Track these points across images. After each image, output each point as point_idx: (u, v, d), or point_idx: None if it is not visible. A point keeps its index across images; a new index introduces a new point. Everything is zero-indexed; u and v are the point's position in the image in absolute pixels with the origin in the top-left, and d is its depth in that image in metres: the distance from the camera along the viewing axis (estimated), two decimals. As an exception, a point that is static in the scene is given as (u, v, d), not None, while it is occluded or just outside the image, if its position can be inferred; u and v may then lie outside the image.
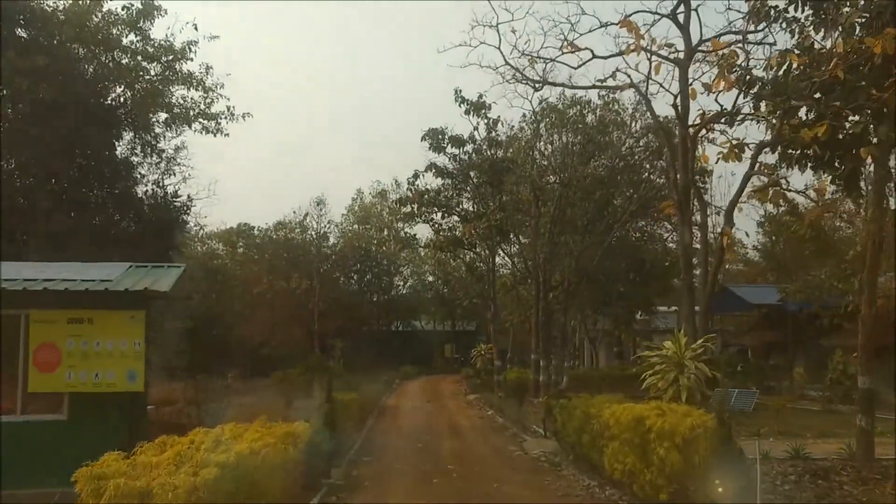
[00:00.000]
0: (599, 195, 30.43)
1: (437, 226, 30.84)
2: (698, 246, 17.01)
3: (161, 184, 22.48)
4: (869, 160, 11.43)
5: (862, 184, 13.33)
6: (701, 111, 13.98)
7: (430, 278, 64.26)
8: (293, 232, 58.21)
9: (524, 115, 30.79)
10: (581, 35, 27.35)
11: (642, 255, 34.47)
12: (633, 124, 31.08)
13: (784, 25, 12.78)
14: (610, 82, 15.25)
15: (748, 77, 12.33)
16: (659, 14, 15.00)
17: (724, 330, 47.04)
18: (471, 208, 31.04)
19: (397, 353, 59.79)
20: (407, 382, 44.63)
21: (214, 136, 23.29)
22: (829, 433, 18.29)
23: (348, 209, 62.01)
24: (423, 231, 50.35)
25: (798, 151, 11.57)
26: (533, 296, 32.37)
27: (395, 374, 46.76)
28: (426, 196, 30.05)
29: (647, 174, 32.78)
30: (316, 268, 53.96)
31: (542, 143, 31.25)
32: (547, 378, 30.58)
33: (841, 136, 11.33)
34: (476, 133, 29.64)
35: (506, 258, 34.12)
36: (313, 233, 58.18)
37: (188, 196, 23.03)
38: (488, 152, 29.58)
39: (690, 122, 13.61)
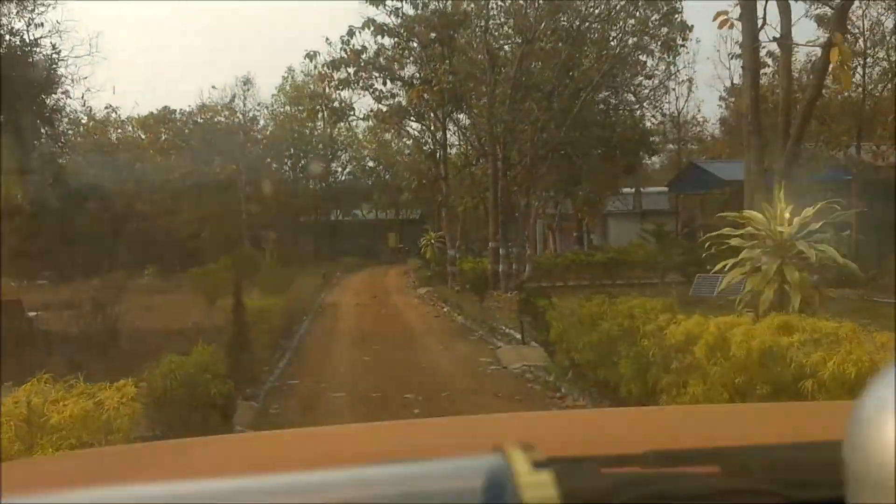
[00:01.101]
0: (566, 55, 25.78)
1: (378, 94, 25.87)
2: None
3: (17, 32, 17.10)
4: None
5: None
6: None
7: (371, 163, 59.33)
8: (220, 115, 52.73)
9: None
10: None
11: (610, 128, 30.18)
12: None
13: None
14: None
15: None
16: None
17: (686, 210, 43.81)
18: (417, 74, 26.07)
19: (337, 244, 55.64)
20: (348, 276, 40.44)
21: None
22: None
23: (279, 89, 56.22)
24: (362, 106, 44.75)
25: None
26: (489, 176, 28.02)
27: (335, 266, 42.51)
28: (364, 57, 24.93)
29: (618, 32, 28.19)
30: (244, 153, 48.92)
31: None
32: (507, 267, 26.64)
33: None
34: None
35: (458, 132, 29.45)
36: (241, 115, 52.86)
37: (54, 47, 17.77)
38: (437, 3, 24.47)
39: None
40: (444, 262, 32.29)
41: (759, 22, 10.35)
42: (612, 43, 28.03)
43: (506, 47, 27.24)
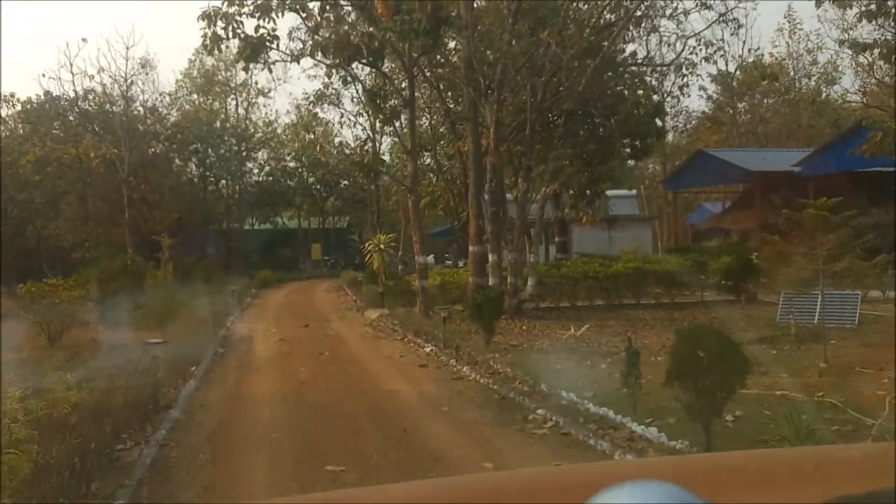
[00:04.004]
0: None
1: (315, 22, 16.27)
2: None
3: None
4: None
5: None
6: None
7: (293, 164, 49.15)
8: (114, 105, 41.65)
9: None
10: None
11: (620, 99, 21.23)
12: None
13: None
14: None
15: None
16: None
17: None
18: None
19: (253, 255, 45.52)
20: (267, 292, 30.50)
21: None
22: None
23: (184, 74, 45.75)
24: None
25: None
26: (465, 152, 19.02)
27: (251, 281, 32.49)
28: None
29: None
30: (139, 146, 38.51)
31: None
32: (498, 281, 17.50)
33: None
34: None
35: (427, 88, 20.08)
36: (140, 106, 42.11)
37: None
38: None
39: None
40: (398, 275, 22.94)
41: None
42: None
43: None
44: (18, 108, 39.40)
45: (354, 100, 27.28)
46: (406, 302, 19.34)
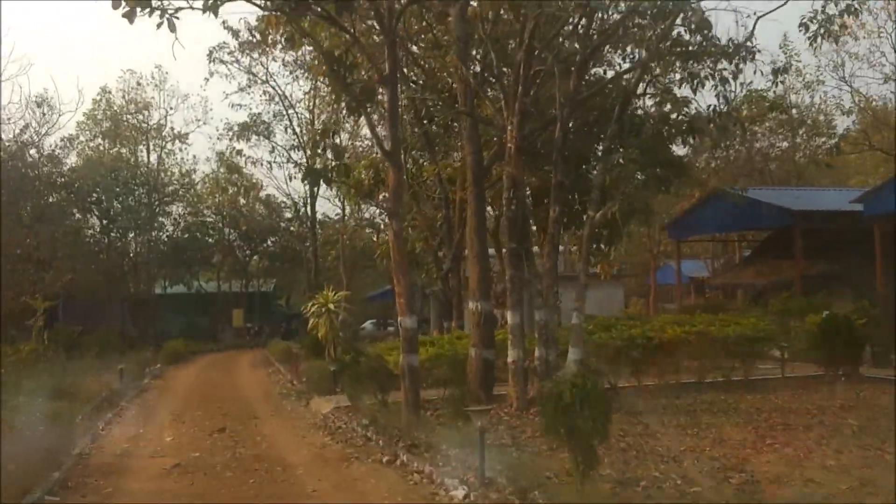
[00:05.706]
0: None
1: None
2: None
3: None
4: None
5: None
6: None
7: (211, 217, 41.77)
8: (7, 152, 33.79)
9: None
10: None
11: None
12: None
13: None
14: None
15: None
16: None
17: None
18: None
19: (164, 322, 37.86)
20: (174, 370, 23.02)
21: None
22: None
23: (88, 115, 38.16)
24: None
25: None
26: (452, 174, 12.88)
27: (155, 354, 24.98)
28: None
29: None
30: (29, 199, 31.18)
31: None
32: (518, 354, 11.12)
33: None
34: None
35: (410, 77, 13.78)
36: (36, 153, 34.37)
37: None
38: None
39: None
40: (353, 345, 16.10)
41: None
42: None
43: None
44: None
45: (289, 130, 20.83)
46: (373, 386, 12.52)
